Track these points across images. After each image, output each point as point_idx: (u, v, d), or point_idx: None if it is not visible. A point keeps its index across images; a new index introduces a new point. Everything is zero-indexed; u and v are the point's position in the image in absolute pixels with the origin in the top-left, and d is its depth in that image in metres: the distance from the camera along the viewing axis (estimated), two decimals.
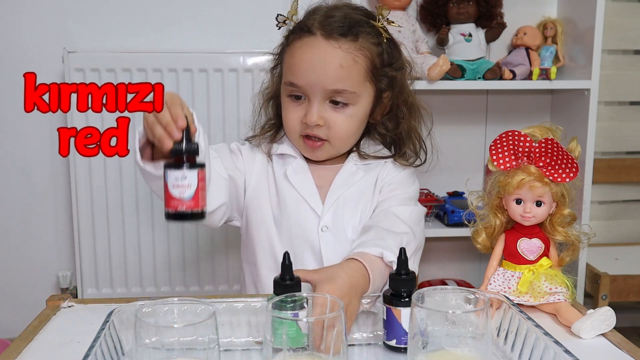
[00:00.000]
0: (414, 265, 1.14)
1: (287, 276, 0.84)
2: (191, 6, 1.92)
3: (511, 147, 0.95)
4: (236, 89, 1.87)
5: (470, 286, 1.92)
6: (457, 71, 1.80)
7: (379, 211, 1.16)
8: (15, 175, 1.94)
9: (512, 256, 0.97)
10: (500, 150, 0.96)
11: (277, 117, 1.23)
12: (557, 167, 0.93)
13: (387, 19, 1.16)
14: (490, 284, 0.97)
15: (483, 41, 1.91)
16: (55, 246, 2.00)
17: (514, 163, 0.96)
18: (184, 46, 1.89)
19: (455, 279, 2.12)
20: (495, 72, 1.81)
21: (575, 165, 0.92)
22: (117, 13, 1.89)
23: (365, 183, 1.20)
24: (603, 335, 0.87)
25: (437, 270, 2.15)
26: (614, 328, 0.88)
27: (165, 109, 0.88)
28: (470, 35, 1.88)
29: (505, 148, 0.96)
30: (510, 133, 0.95)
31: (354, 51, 1.11)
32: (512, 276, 0.96)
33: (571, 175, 0.92)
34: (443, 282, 2.07)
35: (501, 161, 0.96)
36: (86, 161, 1.84)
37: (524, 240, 0.97)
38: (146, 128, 0.92)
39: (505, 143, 0.96)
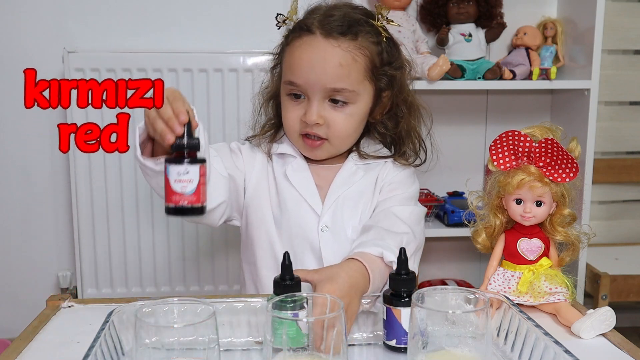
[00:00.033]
0: (414, 265, 1.14)
1: (287, 276, 0.84)
2: (191, 6, 1.92)
3: (511, 147, 0.95)
4: (236, 89, 1.87)
5: (470, 286, 1.92)
6: (457, 71, 1.80)
7: (379, 211, 1.16)
8: (15, 175, 1.94)
9: (512, 256, 0.97)
10: (500, 150, 0.96)
11: (277, 117, 1.23)
12: (557, 167, 0.93)
13: (387, 18, 1.17)
14: (490, 284, 0.97)
15: (483, 41, 1.91)
16: (55, 246, 2.00)
17: (514, 163, 0.96)
18: (184, 46, 1.89)
19: (455, 279, 2.11)
20: (495, 72, 1.81)
21: (575, 165, 0.92)
22: (117, 13, 1.89)
23: (365, 183, 1.20)
24: (603, 335, 0.87)
25: (437, 270, 2.15)
26: (614, 328, 0.88)
27: (166, 104, 0.88)
28: (470, 35, 1.88)
29: (505, 148, 0.96)
30: (510, 133, 0.95)
31: (354, 50, 1.11)
32: (512, 276, 0.96)
33: (571, 175, 0.92)
34: (443, 282, 2.07)
35: (501, 161, 0.96)
36: (86, 161, 1.84)
37: (524, 240, 0.97)
38: (147, 123, 0.92)
39: (505, 143, 0.96)
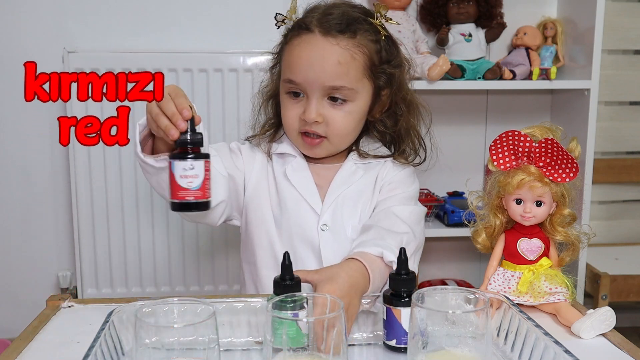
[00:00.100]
0: (414, 265, 1.14)
1: (287, 276, 0.84)
2: (191, 6, 1.91)
3: (511, 147, 0.95)
4: (236, 89, 1.87)
5: (470, 286, 1.92)
6: (457, 71, 1.80)
7: (379, 210, 1.16)
8: (15, 175, 1.94)
9: (512, 256, 0.97)
10: (500, 150, 0.96)
11: (277, 116, 1.23)
12: (557, 167, 0.93)
13: (385, 17, 1.17)
14: (490, 284, 0.97)
15: (483, 41, 1.91)
16: (55, 246, 2.00)
17: (514, 163, 0.95)
18: (184, 46, 1.89)
19: (455, 279, 2.11)
20: (495, 72, 1.81)
21: (575, 165, 0.92)
22: (117, 13, 1.89)
23: (364, 182, 1.20)
24: (603, 335, 0.87)
25: (437, 270, 2.15)
26: (614, 328, 0.88)
27: (169, 100, 0.88)
28: (470, 35, 1.88)
29: (505, 148, 0.96)
30: (510, 133, 0.95)
31: (352, 48, 1.11)
32: (512, 276, 0.96)
33: (571, 175, 0.92)
34: (443, 282, 2.07)
35: (501, 161, 0.96)
36: (86, 161, 1.84)
37: (524, 240, 0.97)
38: (149, 120, 0.92)
39: (505, 143, 0.96)
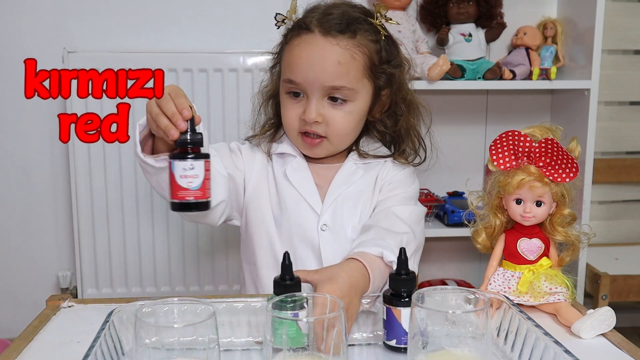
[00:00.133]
0: (414, 265, 1.14)
1: (287, 276, 0.84)
2: (191, 6, 1.91)
3: (511, 147, 0.95)
4: (236, 89, 1.87)
5: (470, 286, 1.92)
6: (457, 71, 1.80)
7: (379, 210, 1.16)
8: (15, 175, 1.94)
9: (512, 256, 0.97)
10: (500, 150, 0.96)
11: (277, 116, 1.23)
12: (557, 167, 0.93)
13: (385, 17, 1.17)
14: (490, 284, 0.97)
15: (483, 41, 1.91)
16: (55, 246, 2.00)
17: (514, 163, 0.95)
18: (184, 46, 1.89)
19: (455, 279, 2.11)
20: (495, 72, 1.81)
21: (575, 165, 0.92)
22: (117, 13, 1.89)
23: (364, 182, 1.20)
24: (603, 335, 0.87)
25: (437, 270, 2.15)
26: (614, 328, 0.88)
27: (169, 100, 0.88)
28: (470, 35, 1.88)
29: (505, 148, 0.96)
30: (510, 133, 0.95)
31: (352, 48, 1.11)
32: (512, 276, 0.96)
33: (571, 175, 0.92)
34: (443, 282, 2.07)
35: (501, 161, 0.96)
36: (86, 161, 1.84)
37: (524, 240, 0.97)
38: (149, 120, 0.92)
39: (505, 143, 0.96)
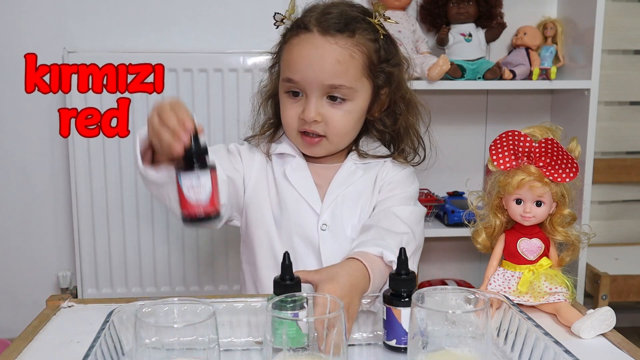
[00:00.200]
0: (413, 265, 1.14)
1: (287, 276, 0.84)
2: (191, 6, 1.92)
3: (511, 147, 0.95)
4: (236, 89, 1.87)
5: (470, 286, 1.92)
6: (457, 71, 1.80)
7: (379, 211, 1.16)
8: (15, 175, 1.94)
9: (512, 256, 0.97)
10: (500, 150, 0.96)
11: (276, 116, 1.23)
12: (557, 167, 0.93)
13: (384, 16, 1.17)
14: (490, 284, 0.97)
15: (483, 41, 1.91)
16: (55, 246, 2.00)
17: (514, 163, 0.95)
18: (184, 46, 1.89)
19: (455, 279, 2.11)
20: (495, 72, 1.81)
21: (575, 165, 0.92)
22: (117, 13, 1.89)
23: (364, 182, 1.20)
24: (603, 335, 0.87)
25: (437, 270, 2.15)
26: (614, 328, 0.88)
27: (171, 113, 0.88)
28: (470, 35, 1.88)
29: (505, 148, 0.96)
30: (510, 133, 0.95)
31: (351, 47, 1.11)
32: (512, 276, 0.96)
33: (571, 175, 0.92)
34: (443, 282, 2.07)
35: (501, 161, 0.96)
36: (86, 161, 1.84)
37: (524, 240, 0.97)
38: (151, 134, 0.92)
39: (505, 143, 0.96)
